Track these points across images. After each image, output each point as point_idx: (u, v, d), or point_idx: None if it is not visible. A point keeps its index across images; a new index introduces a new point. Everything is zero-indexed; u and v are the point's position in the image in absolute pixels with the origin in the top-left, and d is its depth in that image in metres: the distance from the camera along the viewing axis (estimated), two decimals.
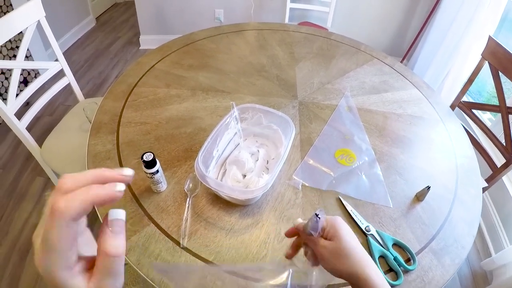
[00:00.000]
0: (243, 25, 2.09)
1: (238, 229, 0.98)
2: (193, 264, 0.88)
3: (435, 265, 0.95)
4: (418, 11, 3.34)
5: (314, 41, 1.98)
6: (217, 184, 0.96)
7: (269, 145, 1.23)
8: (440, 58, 2.83)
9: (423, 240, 1.01)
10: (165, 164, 1.14)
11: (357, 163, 1.22)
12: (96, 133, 1.24)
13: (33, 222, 2.01)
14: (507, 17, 2.54)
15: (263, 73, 1.66)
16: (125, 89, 1.46)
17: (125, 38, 4.08)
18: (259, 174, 1.10)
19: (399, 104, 1.54)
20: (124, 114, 1.33)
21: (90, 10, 4.24)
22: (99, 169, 0.35)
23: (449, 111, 1.54)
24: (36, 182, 2.25)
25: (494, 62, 1.65)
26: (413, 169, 1.23)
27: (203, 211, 1.01)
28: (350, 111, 1.46)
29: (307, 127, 1.36)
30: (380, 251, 0.95)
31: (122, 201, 1.01)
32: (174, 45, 1.79)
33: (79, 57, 3.65)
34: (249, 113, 1.20)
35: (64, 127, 1.76)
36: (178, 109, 1.38)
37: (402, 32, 3.54)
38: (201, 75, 1.59)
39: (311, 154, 1.24)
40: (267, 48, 1.87)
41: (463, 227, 1.05)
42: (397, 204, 1.10)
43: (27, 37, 1.55)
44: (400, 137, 1.36)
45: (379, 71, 1.75)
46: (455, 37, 2.64)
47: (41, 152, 1.64)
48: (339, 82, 1.64)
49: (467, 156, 1.32)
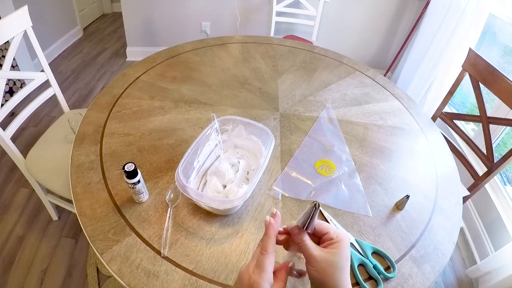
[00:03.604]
0: (228, 38, 2.12)
1: (218, 239, 0.99)
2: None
3: (415, 272, 0.96)
4: (401, 25, 3.42)
5: (298, 54, 2.01)
6: (198, 194, 0.97)
7: (250, 156, 1.25)
8: (423, 71, 2.89)
9: (403, 248, 1.02)
10: (147, 175, 1.15)
11: (337, 174, 1.24)
12: (79, 144, 1.24)
13: (17, 234, 1.99)
14: (489, 30, 2.61)
15: (246, 85, 1.68)
16: (109, 100, 1.47)
17: (112, 50, 4.09)
18: (239, 185, 1.11)
19: (380, 115, 1.57)
20: (108, 125, 1.34)
21: (78, 21, 4.25)
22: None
23: (430, 121, 1.58)
24: (20, 193, 2.23)
25: (474, 73, 1.69)
26: (393, 179, 1.26)
27: (184, 221, 1.02)
28: (331, 123, 1.49)
29: (288, 139, 1.38)
30: (359, 259, 0.96)
31: (104, 211, 1.02)
32: (159, 57, 1.81)
33: (66, 67, 3.65)
34: (230, 125, 1.21)
35: (49, 138, 1.76)
36: (161, 120, 1.39)
37: (386, 46, 3.61)
38: (185, 88, 1.60)
39: (291, 165, 1.25)
40: (250, 61, 1.89)
41: (443, 235, 1.07)
42: (377, 213, 1.12)
43: (13, 46, 1.55)
44: (380, 148, 1.39)
45: (360, 83, 1.78)
46: (438, 50, 2.71)
47: (25, 163, 1.63)
48: (320, 95, 1.67)
49: (447, 165, 1.35)
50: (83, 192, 1.07)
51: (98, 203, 1.04)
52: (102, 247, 0.93)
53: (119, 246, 0.94)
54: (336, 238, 0.58)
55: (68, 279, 1.79)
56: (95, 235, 0.96)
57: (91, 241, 0.94)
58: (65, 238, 1.98)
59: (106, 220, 1.00)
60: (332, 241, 0.58)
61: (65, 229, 2.03)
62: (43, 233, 2.00)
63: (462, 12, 2.43)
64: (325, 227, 0.60)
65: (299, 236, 0.59)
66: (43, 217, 2.09)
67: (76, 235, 2.00)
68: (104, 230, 0.97)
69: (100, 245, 0.93)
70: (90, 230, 0.97)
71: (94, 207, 1.03)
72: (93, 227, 0.97)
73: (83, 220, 0.99)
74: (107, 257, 0.91)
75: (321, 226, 0.60)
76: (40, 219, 2.08)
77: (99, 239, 0.95)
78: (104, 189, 1.09)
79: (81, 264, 1.86)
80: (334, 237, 0.58)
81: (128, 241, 0.95)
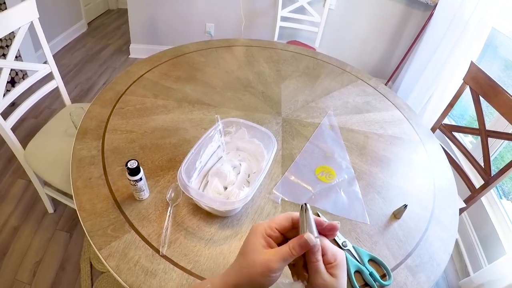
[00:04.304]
0: (233, 40, 2.13)
1: (217, 240, 0.99)
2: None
3: (410, 281, 0.97)
4: (404, 35, 3.44)
5: (301, 60, 2.02)
6: (199, 194, 0.97)
7: (251, 159, 1.25)
8: (424, 82, 2.90)
9: (399, 256, 1.03)
10: (149, 172, 1.15)
11: (336, 180, 1.25)
12: (82, 138, 1.24)
13: (12, 224, 1.99)
14: (491, 44, 2.63)
15: (250, 88, 1.69)
16: (113, 97, 1.47)
17: (115, 46, 4.09)
18: (240, 187, 1.11)
19: (381, 124, 1.58)
20: (110, 121, 1.34)
21: (83, 15, 4.25)
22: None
23: (429, 133, 1.59)
24: (17, 184, 2.23)
25: (475, 86, 1.70)
26: (391, 188, 1.26)
27: (183, 221, 1.03)
28: (332, 130, 1.50)
29: (289, 144, 1.39)
30: (356, 266, 0.97)
31: (104, 206, 1.02)
32: (163, 56, 1.81)
33: (69, 61, 3.65)
34: (233, 127, 1.22)
35: (49, 131, 1.76)
36: (164, 119, 1.40)
37: (388, 55, 3.62)
38: (189, 88, 1.61)
39: (292, 170, 1.26)
40: (254, 64, 1.90)
41: (439, 245, 1.08)
42: (374, 221, 1.12)
43: (18, 37, 1.55)
44: (380, 157, 1.40)
45: (362, 92, 1.80)
46: (439, 61, 2.72)
47: (24, 154, 1.63)
48: (323, 101, 1.68)
49: (445, 177, 1.36)
50: (84, 187, 1.07)
51: (98, 198, 1.05)
52: (101, 242, 0.93)
53: (118, 243, 0.94)
54: (335, 261, 0.53)
55: (61, 272, 1.79)
56: (94, 230, 0.96)
57: (90, 236, 0.94)
58: (59, 231, 1.98)
59: (106, 216, 1.00)
60: (332, 265, 0.53)
61: (60, 223, 2.02)
62: (38, 225, 2.00)
63: (465, 25, 2.44)
64: (324, 248, 0.54)
65: (315, 255, 0.52)
66: (38, 209, 2.09)
67: (71, 229, 2.00)
68: (103, 226, 0.97)
69: (99, 240, 0.94)
70: (89, 225, 0.97)
71: (94, 202, 1.03)
72: (92, 222, 0.98)
73: (82, 215, 0.99)
74: (105, 253, 0.91)
75: (324, 247, 0.54)
76: (36, 211, 2.08)
77: (98, 234, 0.95)
78: (104, 185, 1.09)
79: (75, 258, 1.86)
80: (333, 261, 0.53)
81: (127, 238, 0.96)
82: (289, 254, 0.51)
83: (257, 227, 0.55)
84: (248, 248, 0.54)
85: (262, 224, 0.55)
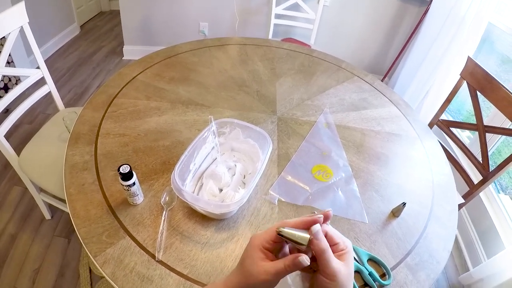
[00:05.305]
0: (227, 39, 2.11)
1: (214, 243, 0.98)
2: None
3: (410, 280, 0.96)
4: (400, 31, 3.42)
5: (296, 57, 2.01)
6: (193, 198, 0.96)
7: (246, 160, 1.24)
8: (421, 77, 2.90)
9: (398, 255, 1.02)
10: (142, 176, 1.14)
11: (333, 179, 1.24)
12: (74, 143, 1.23)
13: (9, 232, 1.97)
14: (488, 38, 2.62)
15: (244, 88, 1.67)
16: (105, 100, 1.45)
17: (109, 48, 4.07)
18: (235, 189, 1.10)
19: (378, 121, 1.56)
20: (103, 125, 1.33)
21: (75, 18, 4.23)
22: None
23: (427, 129, 1.58)
24: (13, 191, 2.21)
25: (472, 82, 1.69)
26: (389, 185, 1.25)
27: (179, 225, 1.01)
28: (328, 128, 1.48)
29: (285, 143, 1.38)
30: (355, 266, 0.96)
31: (98, 212, 1.00)
32: (156, 57, 1.79)
33: (62, 65, 3.63)
34: (227, 128, 1.21)
35: (43, 136, 1.74)
36: (157, 121, 1.38)
37: (384, 51, 3.61)
38: (182, 88, 1.59)
39: (288, 170, 1.25)
40: (248, 63, 1.89)
41: (439, 243, 1.07)
42: (373, 220, 1.11)
43: (9, 42, 1.53)
44: (377, 154, 1.39)
45: (359, 88, 1.78)
46: (436, 57, 2.71)
47: (19, 161, 1.62)
48: (318, 99, 1.66)
49: (443, 173, 1.35)
50: (77, 193, 1.05)
51: (92, 204, 1.03)
52: (96, 249, 0.92)
53: (113, 249, 0.93)
54: (346, 248, 0.54)
55: (61, 279, 1.78)
56: (89, 237, 0.94)
57: (85, 243, 0.93)
58: (57, 237, 1.96)
59: (100, 222, 0.98)
60: (344, 251, 0.54)
61: (58, 229, 2.01)
62: (36, 232, 1.98)
63: (461, 20, 2.43)
64: (337, 237, 0.55)
65: (321, 245, 0.52)
66: (35, 216, 2.07)
67: (69, 234, 1.98)
68: (98, 233, 0.96)
69: (94, 247, 0.92)
70: (84, 232, 0.95)
71: (88, 208, 1.02)
72: (87, 229, 0.96)
73: (76, 221, 0.98)
74: (100, 260, 0.90)
75: (334, 235, 0.55)
76: (33, 218, 2.06)
77: (93, 241, 0.93)
78: (98, 190, 1.07)
79: (74, 264, 1.84)
80: (344, 247, 0.54)
81: (122, 244, 0.94)
82: (283, 270, 0.53)
83: (254, 240, 0.57)
84: (246, 262, 0.56)
85: (259, 237, 0.57)
